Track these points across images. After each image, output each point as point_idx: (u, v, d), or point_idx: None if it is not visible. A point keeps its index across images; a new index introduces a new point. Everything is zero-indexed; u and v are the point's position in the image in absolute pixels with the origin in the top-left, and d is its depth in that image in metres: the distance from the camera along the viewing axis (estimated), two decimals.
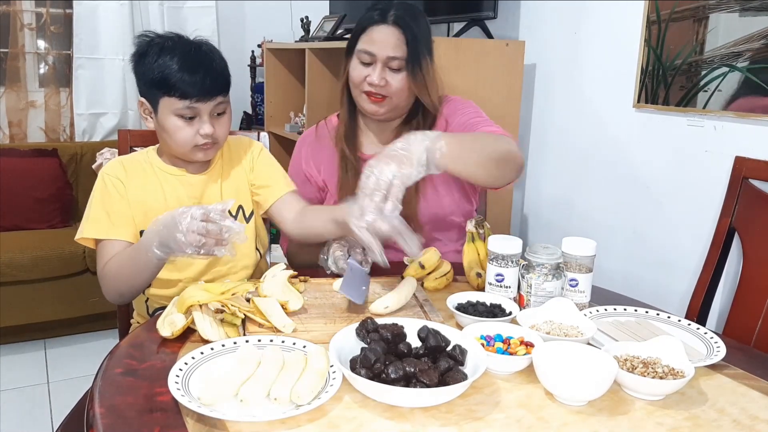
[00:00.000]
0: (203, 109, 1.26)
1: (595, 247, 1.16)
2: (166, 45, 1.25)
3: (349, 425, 0.80)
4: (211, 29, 3.45)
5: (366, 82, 1.43)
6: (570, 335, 1.02)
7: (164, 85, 1.24)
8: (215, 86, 1.26)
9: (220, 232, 1.08)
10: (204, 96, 1.24)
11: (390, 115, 1.49)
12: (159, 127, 1.30)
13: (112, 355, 0.99)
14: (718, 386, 0.95)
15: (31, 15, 3.16)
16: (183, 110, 1.25)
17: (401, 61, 1.41)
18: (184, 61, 1.23)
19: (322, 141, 1.60)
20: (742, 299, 1.50)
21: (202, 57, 1.26)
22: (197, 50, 1.27)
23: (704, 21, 1.77)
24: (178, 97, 1.23)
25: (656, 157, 1.97)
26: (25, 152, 2.97)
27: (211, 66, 1.26)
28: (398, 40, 1.40)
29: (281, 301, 1.11)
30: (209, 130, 1.27)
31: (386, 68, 1.42)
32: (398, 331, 0.95)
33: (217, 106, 1.28)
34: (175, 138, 1.28)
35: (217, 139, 1.30)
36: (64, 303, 2.68)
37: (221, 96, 1.28)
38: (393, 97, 1.44)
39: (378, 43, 1.41)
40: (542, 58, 2.37)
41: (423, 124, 1.50)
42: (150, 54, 1.25)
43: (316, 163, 1.58)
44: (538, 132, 2.45)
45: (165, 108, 1.26)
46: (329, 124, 1.62)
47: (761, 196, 1.51)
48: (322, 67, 2.87)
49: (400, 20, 1.41)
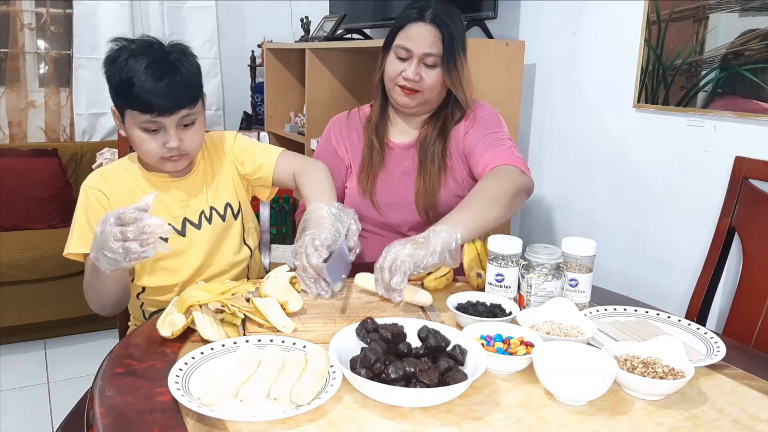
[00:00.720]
0: (167, 122, 1.22)
1: (595, 247, 1.16)
2: (133, 53, 1.20)
3: (349, 425, 0.80)
4: (211, 29, 3.45)
5: (401, 77, 1.48)
6: (570, 335, 1.02)
7: (127, 97, 1.20)
8: (179, 100, 1.21)
9: (141, 232, 1.00)
10: (166, 110, 1.20)
11: (420, 109, 1.55)
12: (128, 136, 1.27)
13: (112, 355, 0.99)
14: (718, 386, 0.95)
15: (31, 15, 3.16)
16: (146, 123, 1.21)
17: (436, 57, 1.46)
18: (147, 72, 1.18)
19: (352, 125, 1.64)
20: (742, 299, 1.50)
21: (166, 68, 1.21)
22: (163, 60, 1.21)
23: (704, 21, 1.77)
24: (140, 110, 1.20)
25: (656, 157, 1.97)
26: (25, 152, 2.97)
27: (174, 78, 1.20)
28: (435, 37, 1.46)
29: (281, 301, 1.11)
30: (175, 143, 1.23)
31: (421, 64, 1.47)
32: (398, 331, 0.95)
33: (183, 118, 1.24)
34: (142, 150, 1.26)
35: (186, 150, 1.27)
36: (64, 303, 2.67)
37: (186, 108, 1.23)
38: (425, 92, 1.49)
39: (415, 39, 1.47)
40: (542, 58, 2.37)
41: (450, 118, 1.55)
42: (118, 62, 1.21)
43: (344, 143, 1.63)
44: (538, 132, 2.45)
45: (130, 119, 1.23)
46: (361, 112, 1.67)
47: (761, 196, 1.51)
48: (322, 67, 2.87)
49: (437, 18, 1.46)
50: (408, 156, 1.57)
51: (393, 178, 1.56)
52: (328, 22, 3.06)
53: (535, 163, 2.48)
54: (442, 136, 1.54)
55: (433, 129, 1.55)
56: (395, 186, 1.55)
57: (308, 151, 2.91)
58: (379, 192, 1.55)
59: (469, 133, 1.53)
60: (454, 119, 1.55)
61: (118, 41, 1.25)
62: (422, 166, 1.54)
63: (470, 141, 1.52)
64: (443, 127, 1.54)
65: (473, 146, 1.51)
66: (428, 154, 1.53)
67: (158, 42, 1.26)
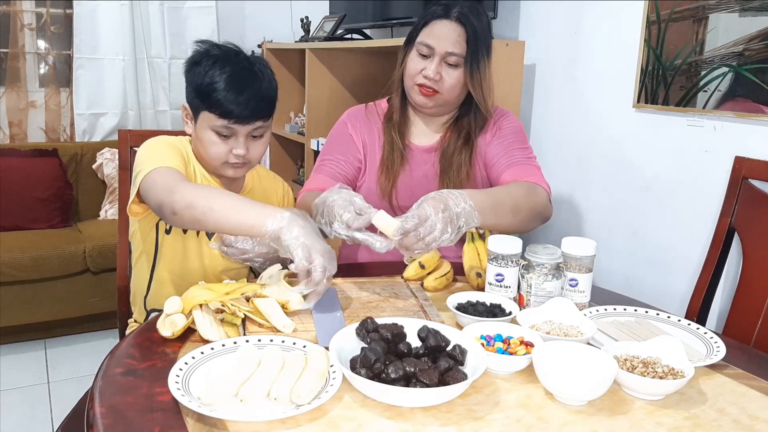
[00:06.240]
0: (240, 130, 1.25)
1: (595, 247, 1.16)
2: (219, 59, 1.24)
3: (349, 425, 0.80)
4: (211, 29, 3.45)
5: (421, 74, 1.43)
6: (570, 335, 1.02)
7: (207, 100, 1.23)
8: (257, 111, 1.25)
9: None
10: (243, 119, 1.24)
11: (437, 110, 1.50)
12: (195, 136, 1.30)
13: (112, 355, 0.99)
14: (718, 386, 0.95)
15: (32, 15, 3.16)
16: (220, 128, 1.25)
17: (459, 57, 1.42)
18: (231, 80, 1.22)
19: (371, 118, 1.59)
20: (742, 299, 1.50)
21: (250, 78, 1.24)
22: (248, 70, 1.25)
23: (704, 21, 1.77)
24: (218, 115, 1.23)
25: (656, 157, 1.97)
26: (26, 152, 2.97)
27: (257, 89, 1.24)
28: (459, 36, 1.41)
29: (281, 301, 1.11)
30: (242, 151, 1.26)
31: (443, 63, 1.43)
32: (398, 331, 0.95)
33: (255, 129, 1.27)
34: (208, 151, 1.28)
35: (250, 160, 1.30)
36: (64, 303, 2.68)
37: (261, 120, 1.27)
38: (444, 93, 1.44)
39: (438, 37, 1.42)
40: (542, 58, 2.37)
41: (474, 125, 1.50)
42: (202, 64, 1.24)
43: (362, 136, 1.56)
44: (538, 132, 2.45)
45: (204, 121, 1.26)
46: (378, 107, 1.61)
47: (761, 196, 1.51)
48: (322, 67, 2.87)
49: (462, 17, 1.41)
50: (429, 160, 1.52)
51: (413, 181, 1.51)
52: (328, 22, 3.06)
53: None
54: (468, 146, 1.49)
55: (457, 138, 1.50)
56: (415, 189, 1.48)
57: (308, 151, 2.91)
58: (400, 194, 1.50)
59: (492, 143, 1.49)
60: (478, 127, 1.50)
61: (203, 43, 1.28)
62: (444, 173, 1.49)
63: (494, 152, 1.48)
64: (468, 137, 1.49)
65: (497, 157, 1.47)
66: (452, 163, 1.48)
67: (242, 52, 1.29)
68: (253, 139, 1.29)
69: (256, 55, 1.32)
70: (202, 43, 1.28)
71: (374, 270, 1.39)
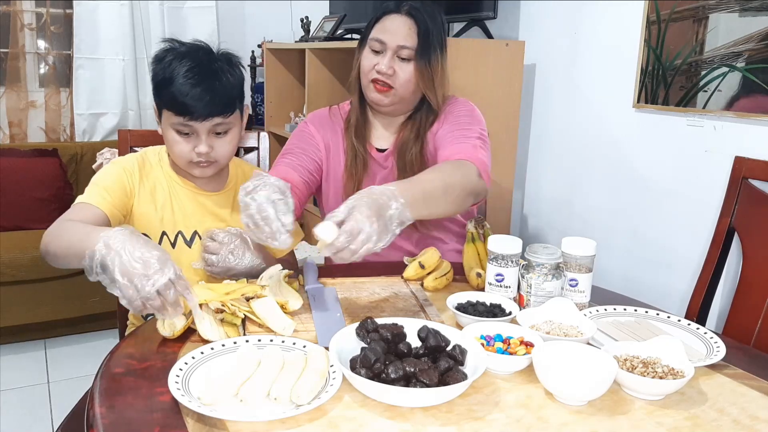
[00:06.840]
0: (200, 128, 1.23)
1: (595, 247, 1.16)
2: (179, 56, 1.22)
3: (349, 425, 0.80)
4: (211, 29, 3.45)
5: (374, 70, 1.43)
6: (570, 335, 1.02)
7: (164, 96, 1.22)
8: (214, 106, 1.22)
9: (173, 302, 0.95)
10: (200, 116, 1.21)
11: (395, 108, 1.49)
12: (163, 136, 1.30)
13: (112, 355, 0.99)
14: (718, 386, 0.95)
15: (32, 15, 3.16)
16: (179, 126, 1.23)
17: (411, 50, 1.41)
18: (187, 76, 1.20)
19: (335, 121, 1.58)
20: (742, 299, 1.50)
21: (207, 74, 1.22)
22: (205, 66, 1.22)
23: (704, 21, 1.77)
24: (175, 112, 1.22)
25: (656, 157, 1.97)
26: (25, 152, 2.97)
27: (212, 85, 1.21)
28: (410, 29, 1.41)
29: (280, 301, 1.10)
30: (204, 149, 1.24)
31: (395, 57, 1.42)
32: (398, 331, 0.95)
33: (216, 126, 1.24)
34: (173, 150, 1.27)
35: (216, 158, 1.28)
36: (64, 303, 2.67)
37: (220, 117, 1.23)
38: (398, 88, 1.44)
39: (389, 31, 1.42)
40: (542, 58, 2.37)
41: (425, 121, 1.50)
42: (164, 61, 1.23)
43: (325, 141, 1.55)
44: (538, 132, 2.45)
45: (165, 119, 1.25)
46: (342, 110, 1.60)
47: (761, 196, 1.51)
48: (322, 67, 2.87)
49: (413, 11, 1.42)
50: (389, 163, 1.52)
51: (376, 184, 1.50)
52: (328, 23, 3.06)
53: (535, 163, 2.48)
54: (419, 141, 1.48)
55: (409, 133, 1.49)
56: None
57: None
58: None
59: (440, 130, 1.48)
60: (428, 121, 1.49)
61: (169, 41, 1.26)
62: (401, 172, 1.47)
63: (440, 137, 1.46)
64: (418, 132, 1.49)
65: (441, 140, 1.45)
66: (406, 161, 1.47)
67: (207, 48, 1.27)
68: (217, 136, 1.26)
69: (226, 52, 1.28)
70: (168, 41, 1.27)
71: (374, 270, 1.39)
